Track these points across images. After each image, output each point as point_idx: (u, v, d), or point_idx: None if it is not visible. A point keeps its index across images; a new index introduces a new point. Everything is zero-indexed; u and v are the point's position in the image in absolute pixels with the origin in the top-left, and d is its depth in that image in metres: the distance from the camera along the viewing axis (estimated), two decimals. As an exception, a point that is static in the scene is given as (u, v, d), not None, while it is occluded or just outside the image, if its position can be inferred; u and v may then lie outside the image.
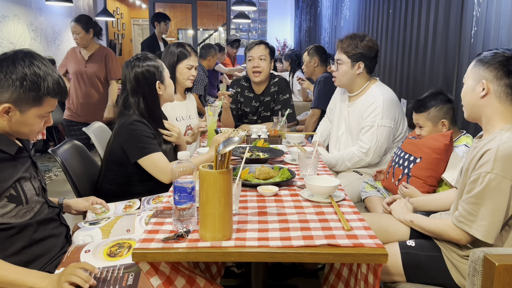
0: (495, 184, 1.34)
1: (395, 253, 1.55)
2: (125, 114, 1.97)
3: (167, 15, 6.00)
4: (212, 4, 10.75)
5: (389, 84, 2.83)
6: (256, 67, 2.94)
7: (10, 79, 1.32)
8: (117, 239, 1.52)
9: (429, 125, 2.03)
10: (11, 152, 1.39)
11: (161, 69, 2.05)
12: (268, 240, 1.22)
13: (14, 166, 1.40)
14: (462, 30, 2.25)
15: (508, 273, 1.09)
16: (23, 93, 1.33)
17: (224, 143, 1.19)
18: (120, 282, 1.29)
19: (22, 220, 1.39)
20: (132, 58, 2.05)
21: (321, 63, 3.83)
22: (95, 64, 3.79)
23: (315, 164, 1.78)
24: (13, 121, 1.36)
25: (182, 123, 2.69)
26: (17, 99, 1.33)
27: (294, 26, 9.16)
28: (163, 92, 2.06)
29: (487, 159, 1.36)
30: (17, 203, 1.37)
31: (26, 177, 1.42)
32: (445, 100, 2.02)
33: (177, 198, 1.25)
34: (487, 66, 1.44)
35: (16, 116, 1.36)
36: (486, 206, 1.36)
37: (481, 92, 1.44)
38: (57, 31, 6.76)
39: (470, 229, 1.39)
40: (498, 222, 1.36)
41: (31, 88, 1.34)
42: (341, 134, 2.54)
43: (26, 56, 1.36)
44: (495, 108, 1.44)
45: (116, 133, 1.96)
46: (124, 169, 1.97)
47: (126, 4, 12.10)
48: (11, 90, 1.32)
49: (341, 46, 2.40)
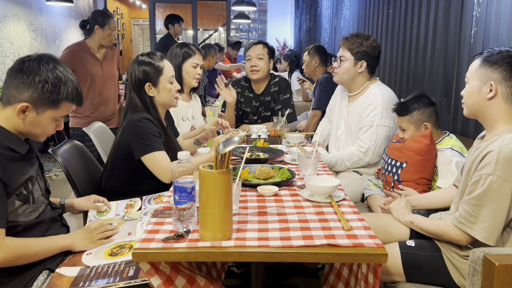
0: (496, 186, 1.33)
1: (395, 253, 1.56)
2: (134, 111, 1.99)
3: (180, 16, 5.95)
4: (212, 4, 10.74)
5: (389, 84, 2.84)
6: (253, 66, 2.95)
7: (33, 80, 1.38)
8: (118, 241, 1.54)
9: (412, 128, 2.04)
10: (22, 152, 1.42)
11: (159, 72, 2.02)
12: (268, 240, 1.22)
13: (25, 166, 1.43)
14: (462, 30, 2.25)
15: (508, 273, 1.09)
16: (43, 95, 1.39)
17: (224, 143, 1.19)
18: (121, 274, 1.31)
19: (27, 219, 1.42)
20: (137, 55, 2.07)
21: (322, 63, 3.83)
22: (111, 63, 3.63)
23: (315, 164, 1.78)
24: (27, 121, 1.41)
25: (187, 124, 2.70)
26: (36, 100, 1.39)
27: (294, 26, 9.15)
28: (154, 95, 2.03)
29: (489, 160, 1.36)
30: (24, 202, 1.40)
31: (34, 177, 1.46)
32: (428, 103, 2.02)
33: (177, 198, 1.25)
34: (495, 67, 1.41)
35: (32, 116, 1.40)
36: (487, 208, 1.36)
37: (489, 94, 1.42)
38: (57, 31, 6.76)
39: (471, 230, 1.39)
40: (499, 224, 1.36)
41: (51, 91, 1.40)
42: (340, 134, 2.55)
43: (50, 60, 1.43)
44: (501, 109, 1.43)
45: (124, 129, 1.97)
46: (129, 166, 1.98)
47: (126, 4, 12.10)
48: (32, 90, 1.38)
49: (345, 43, 2.41)
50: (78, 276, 1.33)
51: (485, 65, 1.44)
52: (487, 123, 1.48)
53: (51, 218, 1.52)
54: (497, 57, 1.41)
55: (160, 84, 2.03)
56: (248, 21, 7.74)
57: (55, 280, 1.33)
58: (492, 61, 1.42)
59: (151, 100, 2.03)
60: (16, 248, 1.33)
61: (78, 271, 1.36)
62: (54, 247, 1.44)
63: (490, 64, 1.42)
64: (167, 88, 2.05)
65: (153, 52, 2.07)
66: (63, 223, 1.61)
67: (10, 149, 1.38)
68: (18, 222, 1.39)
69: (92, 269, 1.36)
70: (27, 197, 1.41)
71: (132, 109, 2.00)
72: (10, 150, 1.38)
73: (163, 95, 2.05)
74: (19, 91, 1.38)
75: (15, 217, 1.38)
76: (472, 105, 1.49)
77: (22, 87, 1.37)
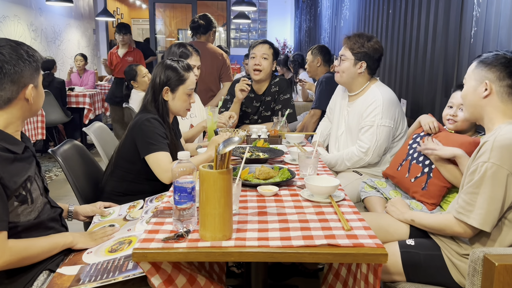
0: (491, 172, 1.36)
1: (395, 252, 1.56)
2: (145, 110, 2.03)
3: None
4: (212, 4, 10.76)
5: (389, 84, 2.84)
6: (257, 65, 2.94)
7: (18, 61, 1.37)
8: (118, 238, 1.55)
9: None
10: (19, 151, 1.41)
11: (182, 80, 2.06)
12: (268, 240, 1.22)
13: (22, 166, 1.41)
14: (462, 30, 2.25)
15: (508, 273, 1.09)
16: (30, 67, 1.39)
17: (224, 143, 1.19)
18: (120, 268, 1.32)
19: (26, 220, 1.41)
20: (165, 59, 2.14)
21: (324, 63, 3.83)
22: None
23: (315, 164, 1.78)
24: (33, 100, 1.42)
25: (186, 122, 2.70)
26: (30, 75, 1.39)
27: (294, 26, 9.16)
28: (169, 100, 2.07)
29: (484, 149, 1.40)
30: (23, 203, 1.39)
31: (32, 176, 1.44)
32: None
33: (177, 198, 1.25)
34: (490, 68, 1.47)
35: (34, 93, 1.41)
36: (483, 195, 1.38)
37: (484, 92, 1.48)
38: (57, 31, 6.76)
39: (468, 219, 1.41)
40: (495, 211, 1.37)
41: (31, 61, 1.40)
42: (340, 134, 2.55)
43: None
44: (496, 107, 1.47)
45: (131, 128, 1.99)
46: (133, 166, 1.99)
47: (126, 4, 12.11)
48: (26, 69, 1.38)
49: (347, 42, 2.41)
50: (78, 274, 1.34)
51: (480, 66, 1.50)
52: (485, 122, 1.52)
53: (50, 218, 1.51)
54: (493, 58, 1.48)
55: (177, 92, 2.07)
56: (248, 21, 7.75)
57: (55, 280, 1.34)
58: (487, 62, 1.48)
59: (165, 103, 2.07)
60: (19, 250, 1.33)
61: (78, 270, 1.37)
62: (56, 245, 1.45)
63: (486, 65, 1.48)
64: (183, 99, 2.09)
65: (182, 60, 2.12)
66: (63, 223, 1.61)
67: (6, 150, 1.37)
68: (17, 222, 1.38)
69: (92, 266, 1.37)
70: (26, 198, 1.40)
71: (144, 109, 2.05)
72: (6, 151, 1.37)
73: (177, 103, 2.09)
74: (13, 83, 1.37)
75: (15, 217, 1.37)
76: (469, 105, 1.55)
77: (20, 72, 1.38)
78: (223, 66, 3.84)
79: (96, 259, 1.41)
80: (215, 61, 3.80)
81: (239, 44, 9.73)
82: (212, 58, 3.76)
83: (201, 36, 3.89)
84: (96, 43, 8.95)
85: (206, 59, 3.43)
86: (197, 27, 3.84)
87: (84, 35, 8.11)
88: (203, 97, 3.33)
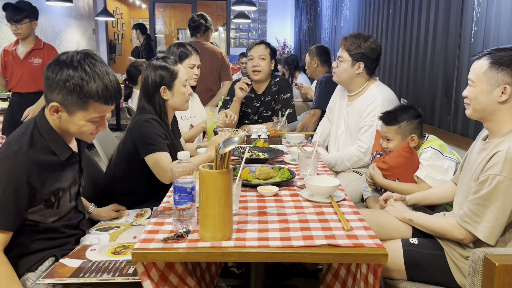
0: (503, 186, 1.34)
1: (397, 250, 1.55)
2: (143, 111, 2.03)
3: None
4: (212, 4, 10.75)
5: (389, 84, 2.83)
6: (255, 66, 2.96)
7: (55, 79, 1.32)
8: (122, 242, 1.57)
9: (398, 138, 2.05)
10: (62, 158, 1.42)
11: (174, 75, 2.06)
12: (268, 240, 1.22)
13: (61, 175, 1.44)
14: (462, 30, 2.25)
15: (508, 273, 1.09)
16: (67, 95, 1.33)
17: (224, 143, 1.19)
18: (120, 271, 1.33)
19: (47, 221, 1.44)
20: (152, 58, 2.11)
21: (322, 63, 3.84)
22: None
23: (315, 164, 1.78)
24: (62, 121, 1.39)
25: (186, 122, 2.70)
26: (63, 100, 1.34)
27: (294, 26, 9.15)
28: (169, 98, 2.07)
29: (496, 161, 1.36)
30: (47, 206, 1.41)
31: (66, 186, 1.46)
32: (416, 115, 2.04)
33: (177, 198, 1.25)
34: (509, 71, 1.39)
35: (65, 116, 1.37)
36: (493, 209, 1.36)
37: (501, 97, 1.41)
38: (57, 31, 6.76)
39: (475, 230, 1.40)
40: (502, 225, 1.37)
41: (73, 90, 1.32)
42: (340, 134, 2.54)
43: (79, 57, 1.34)
44: (509, 111, 1.42)
45: (130, 129, 1.99)
46: (132, 166, 1.99)
47: (126, 4, 12.10)
48: (57, 91, 1.33)
49: (344, 43, 2.40)
50: (80, 267, 1.37)
51: (495, 68, 1.41)
52: (492, 124, 1.47)
53: (70, 224, 1.53)
54: (508, 59, 1.39)
55: (174, 88, 2.07)
56: (248, 21, 7.74)
57: (57, 269, 1.37)
58: (503, 63, 1.40)
59: (163, 103, 2.06)
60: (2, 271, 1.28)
61: (80, 264, 1.40)
62: None
63: (503, 68, 1.40)
64: (181, 92, 2.09)
65: (167, 56, 2.11)
66: (80, 227, 1.61)
67: (52, 153, 1.38)
68: (37, 222, 1.40)
69: (94, 263, 1.39)
70: (52, 203, 1.42)
71: (141, 111, 2.04)
72: (52, 154, 1.38)
73: (177, 99, 2.09)
74: (50, 91, 1.34)
75: (35, 217, 1.40)
76: (479, 107, 1.47)
77: (49, 87, 1.34)
78: (222, 65, 3.84)
79: (99, 258, 1.43)
80: (214, 60, 3.79)
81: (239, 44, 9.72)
82: (211, 57, 3.76)
83: (200, 35, 3.89)
84: (96, 43, 8.95)
85: (205, 59, 3.42)
86: (198, 26, 3.84)
87: (84, 35, 8.10)
88: (203, 97, 3.33)
